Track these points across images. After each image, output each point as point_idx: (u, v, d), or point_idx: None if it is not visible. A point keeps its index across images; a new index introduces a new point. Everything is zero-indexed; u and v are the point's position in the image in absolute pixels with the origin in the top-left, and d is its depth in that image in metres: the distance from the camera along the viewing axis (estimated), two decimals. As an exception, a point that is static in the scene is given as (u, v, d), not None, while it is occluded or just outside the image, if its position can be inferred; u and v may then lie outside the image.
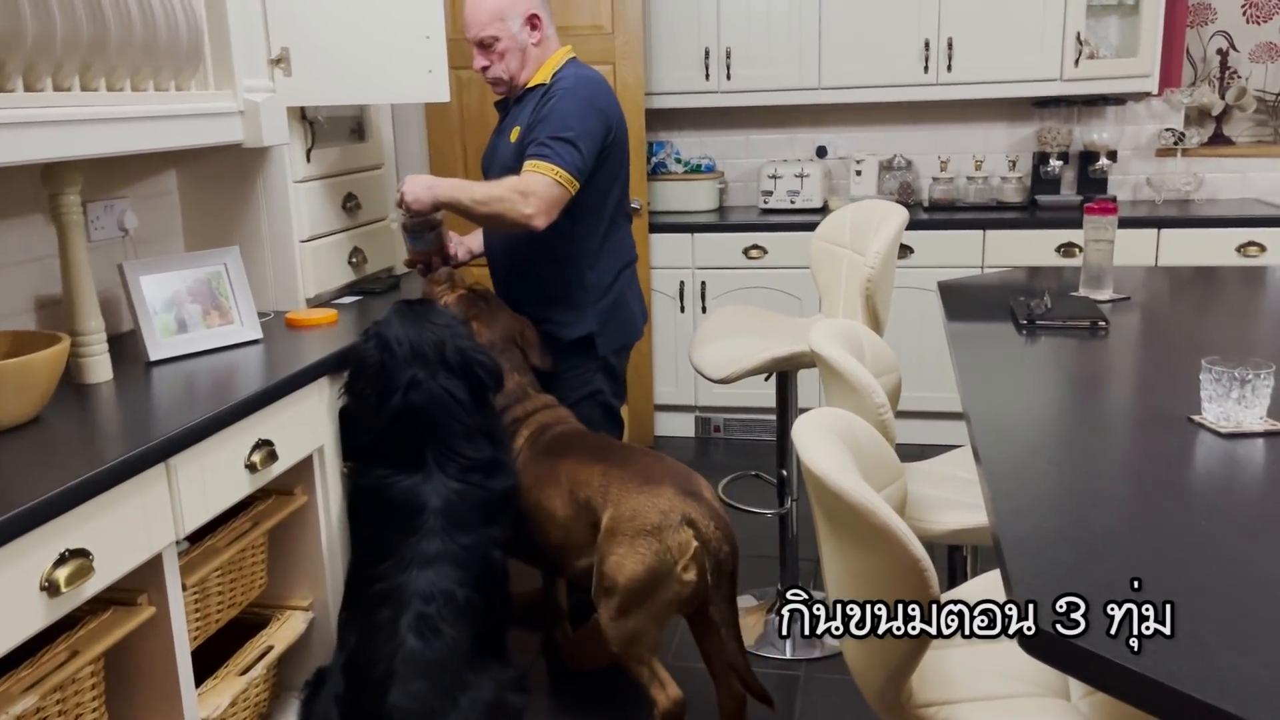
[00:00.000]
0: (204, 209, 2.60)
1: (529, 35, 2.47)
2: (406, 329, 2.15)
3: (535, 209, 2.28)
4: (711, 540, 2.07)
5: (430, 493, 2.10)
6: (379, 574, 2.07)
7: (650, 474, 2.14)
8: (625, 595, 2.06)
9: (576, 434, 2.36)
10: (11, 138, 1.66)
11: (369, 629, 2.03)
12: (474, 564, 2.11)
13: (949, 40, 4.11)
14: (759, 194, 4.47)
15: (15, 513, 1.38)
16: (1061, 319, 2.27)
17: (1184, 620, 1.03)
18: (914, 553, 1.21)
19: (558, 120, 2.34)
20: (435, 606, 2.01)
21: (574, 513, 2.21)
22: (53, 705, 1.56)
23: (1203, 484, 1.41)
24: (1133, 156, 4.39)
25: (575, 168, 2.32)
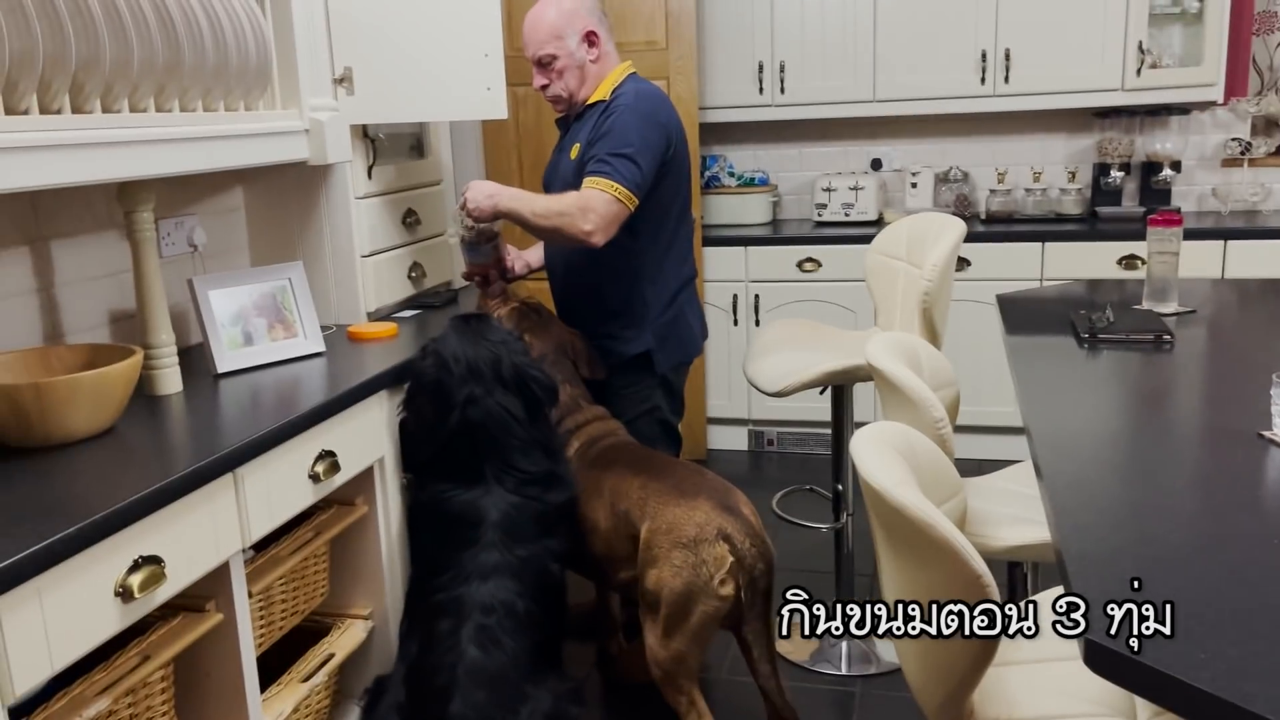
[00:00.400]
0: (269, 225, 2.66)
1: (587, 52, 2.50)
2: (463, 346, 2.18)
3: (594, 226, 2.30)
4: (747, 556, 2.06)
5: (489, 506, 2.12)
6: (439, 585, 2.09)
7: (687, 487, 2.14)
8: (668, 611, 2.06)
9: (623, 446, 2.37)
10: (90, 158, 1.72)
11: (430, 639, 2.06)
12: (532, 576, 2.13)
13: (1006, 51, 4.07)
14: (813, 207, 4.46)
15: (92, 520, 1.42)
16: (1125, 333, 2.23)
17: (1259, 642, 1.01)
18: (975, 568, 1.20)
19: (618, 136, 2.36)
20: (495, 618, 2.03)
21: (614, 525, 2.22)
22: (124, 709, 1.61)
23: (1274, 501, 1.38)
24: (1197, 167, 4.30)
25: (634, 184, 2.33)
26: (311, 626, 2.22)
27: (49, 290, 2.10)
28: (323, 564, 2.17)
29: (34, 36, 1.52)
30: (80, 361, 1.91)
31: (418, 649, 2.10)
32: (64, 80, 1.62)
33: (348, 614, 2.29)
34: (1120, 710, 1.37)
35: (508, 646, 2.03)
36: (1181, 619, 1.06)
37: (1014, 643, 1.48)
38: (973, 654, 1.24)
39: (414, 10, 2.49)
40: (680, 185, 2.54)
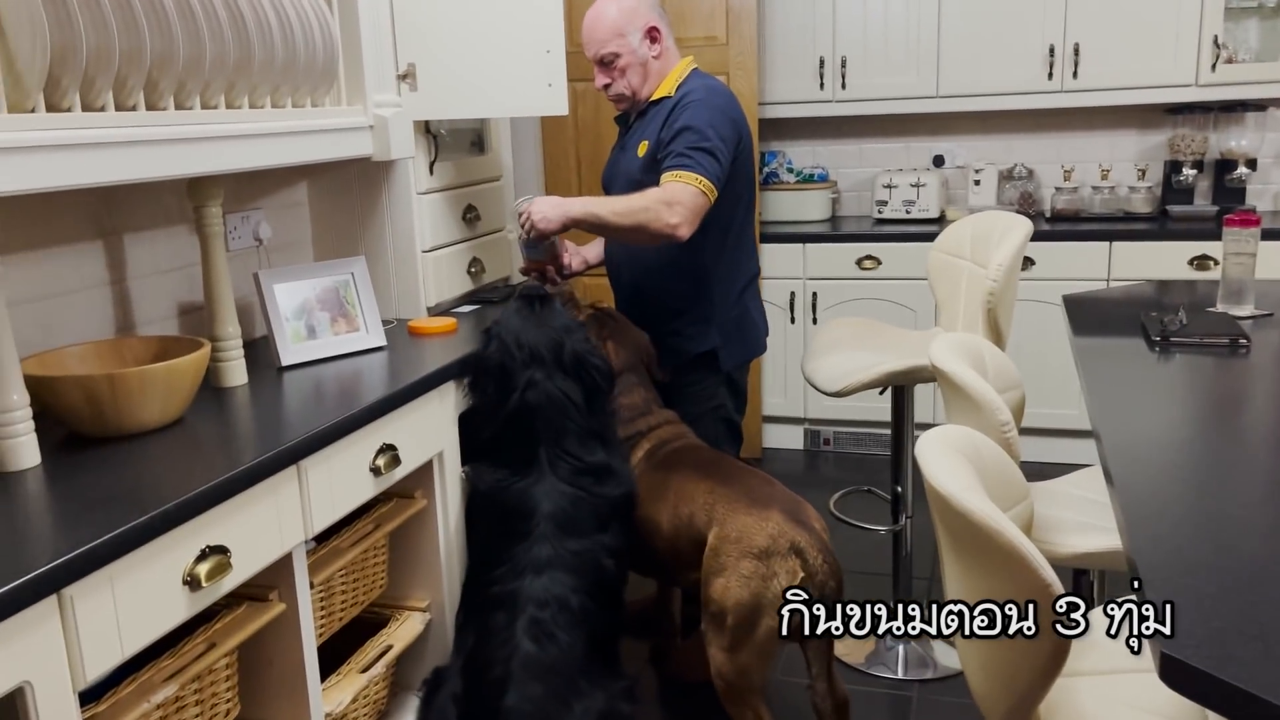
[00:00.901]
0: (332, 219, 2.70)
1: (649, 49, 2.49)
2: (525, 329, 2.19)
3: (681, 218, 2.27)
4: (818, 573, 2.02)
5: (541, 496, 2.13)
6: (494, 579, 2.10)
7: (759, 496, 2.11)
8: (735, 622, 2.03)
9: (690, 449, 2.36)
10: (164, 154, 1.75)
11: (485, 632, 2.07)
12: (587, 571, 2.13)
13: (1075, 46, 3.98)
14: (873, 204, 4.41)
15: (163, 510, 1.45)
16: (1198, 336, 2.18)
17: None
18: (1044, 576, 1.18)
19: (695, 130, 2.34)
20: (550, 612, 2.04)
21: (676, 528, 2.20)
22: (191, 695, 1.64)
23: (1358, 513, 1.33)
24: (1274, 165, 4.18)
25: (715, 176, 2.32)
26: (370, 618, 2.24)
27: (121, 283, 2.15)
28: (382, 556, 2.19)
29: (110, 33, 1.55)
30: (151, 353, 1.96)
31: (474, 641, 2.11)
32: (139, 77, 1.65)
33: (405, 606, 2.31)
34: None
35: (562, 640, 2.03)
36: (1261, 633, 1.03)
37: (1082, 653, 1.45)
38: (1041, 662, 1.22)
39: (476, 7, 2.50)
40: (747, 181, 2.52)
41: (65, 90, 1.48)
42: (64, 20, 1.47)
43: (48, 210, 1.96)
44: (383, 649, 2.14)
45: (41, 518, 1.44)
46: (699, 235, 2.41)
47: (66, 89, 1.48)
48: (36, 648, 1.28)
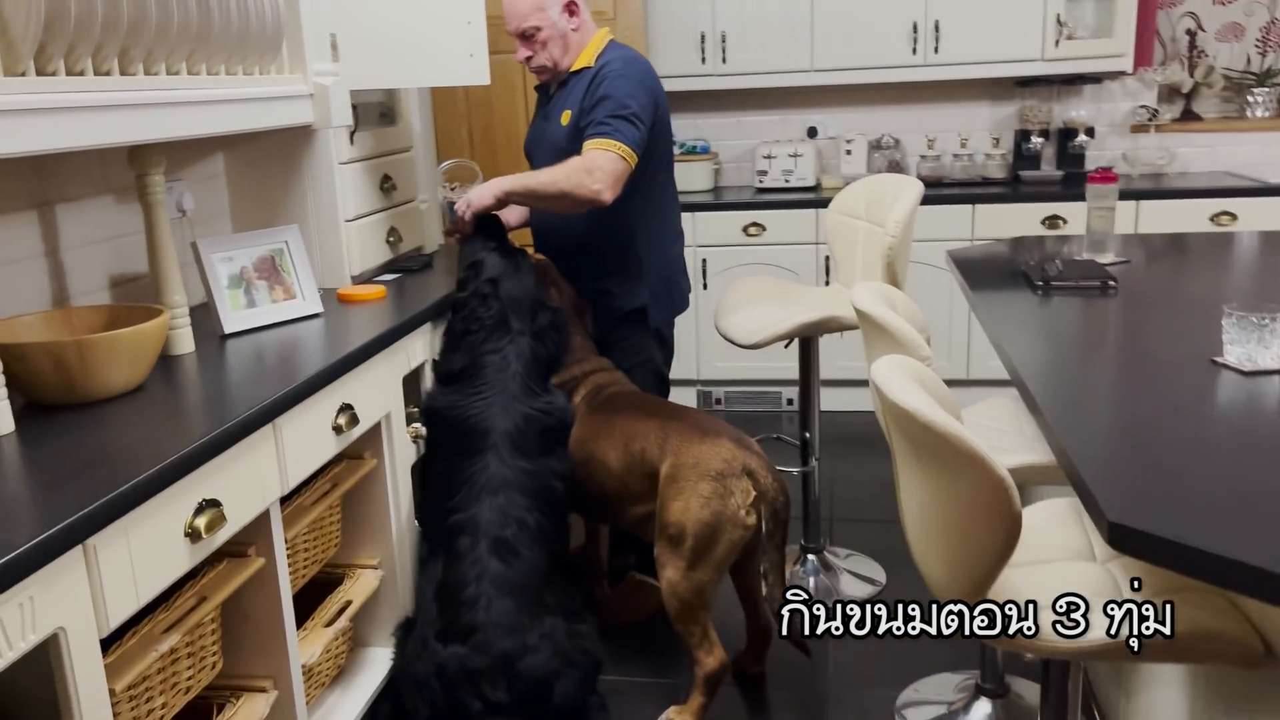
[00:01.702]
0: (251, 190, 2.69)
1: (568, 22, 2.60)
2: (511, 282, 2.40)
3: (602, 184, 2.39)
4: (769, 490, 2.22)
5: (499, 415, 2.27)
6: (454, 506, 2.21)
7: (708, 427, 2.29)
8: (694, 541, 2.20)
9: (631, 393, 2.51)
10: (109, 120, 1.75)
11: (453, 556, 2.18)
12: (538, 490, 2.26)
13: (936, 23, 4.29)
14: (753, 174, 4.62)
15: (166, 463, 1.49)
16: (1074, 280, 2.45)
17: (1234, 515, 1.20)
18: (999, 473, 1.37)
19: (615, 99, 2.46)
20: (511, 531, 2.17)
21: (629, 464, 2.35)
22: (183, 647, 1.68)
23: (1232, 410, 1.58)
24: (1109, 133, 4.61)
25: (635, 142, 2.44)
26: (323, 578, 2.29)
27: (55, 254, 2.12)
28: (337, 515, 2.25)
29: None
30: (101, 322, 1.95)
31: (442, 568, 2.20)
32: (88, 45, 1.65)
33: (358, 564, 2.37)
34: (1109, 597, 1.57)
35: (525, 556, 2.17)
36: (1181, 500, 1.25)
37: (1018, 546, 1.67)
38: (995, 550, 1.41)
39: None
40: (665, 146, 2.66)
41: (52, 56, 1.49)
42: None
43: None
44: (343, 604, 2.21)
45: (39, 479, 1.46)
46: (624, 199, 2.54)
47: (52, 56, 1.48)
48: (68, 595, 1.32)
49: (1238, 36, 4.55)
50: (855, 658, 2.66)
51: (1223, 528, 1.18)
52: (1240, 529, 1.18)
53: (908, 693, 2.50)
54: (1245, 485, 1.30)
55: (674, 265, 2.76)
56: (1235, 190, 4.10)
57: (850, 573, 3.05)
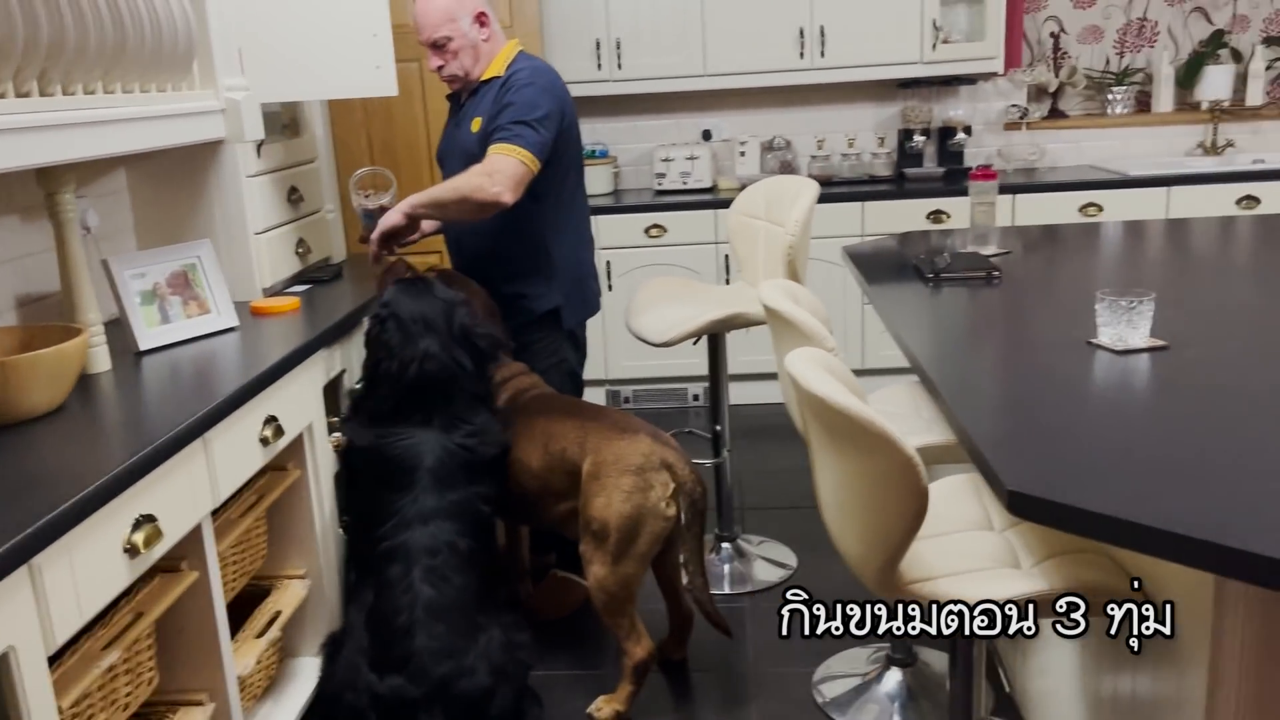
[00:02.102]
0: (156, 206, 2.67)
1: (479, 32, 2.65)
2: (417, 304, 2.33)
3: (502, 185, 2.44)
4: (687, 482, 2.33)
5: (426, 452, 2.27)
6: (383, 534, 2.23)
7: (625, 425, 2.38)
8: (618, 535, 2.28)
9: (551, 396, 2.58)
10: (26, 142, 1.75)
11: (383, 585, 2.19)
12: (467, 516, 2.29)
13: (821, 28, 4.46)
14: (652, 176, 4.74)
15: (104, 481, 1.50)
16: (961, 271, 2.62)
17: (1115, 479, 1.35)
18: (907, 451, 1.49)
19: (520, 107, 2.53)
20: (441, 558, 2.19)
21: (550, 464, 2.41)
22: (122, 664, 1.69)
23: (1112, 391, 1.75)
24: (985, 131, 4.87)
25: (537, 146, 2.50)
26: (251, 590, 2.30)
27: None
28: (263, 527, 2.26)
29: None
30: (16, 343, 1.93)
31: (372, 596, 2.22)
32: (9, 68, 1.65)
33: (284, 575, 2.38)
34: (1006, 562, 1.71)
35: (456, 582, 2.20)
36: (1071, 468, 1.39)
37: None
38: (905, 523, 1.54)
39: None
40: (574, 152, 2.74)
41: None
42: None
43: (-116, 202, 1.89)
44: (272, 615, 2.22)
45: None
46: (534, 203, 2.61)
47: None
48: (15, 614, 1.33)
49: (1097, 38, 4.86)
50: (774, 638, 2.78)
51: (1107, 491, 1.32)
52: (1121, 491, 1.32)
53: (823, 668, 2.63)
54: (1122, 453, 1.45)
55: (585, 268, 2.84)
56: (1100, 183, 4.39)
57: (763, 558, 3.18)
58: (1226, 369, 1.80)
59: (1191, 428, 1.54)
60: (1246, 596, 1.35)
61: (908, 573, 1.65)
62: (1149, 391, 1.72)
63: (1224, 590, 1.38)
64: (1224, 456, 1.41)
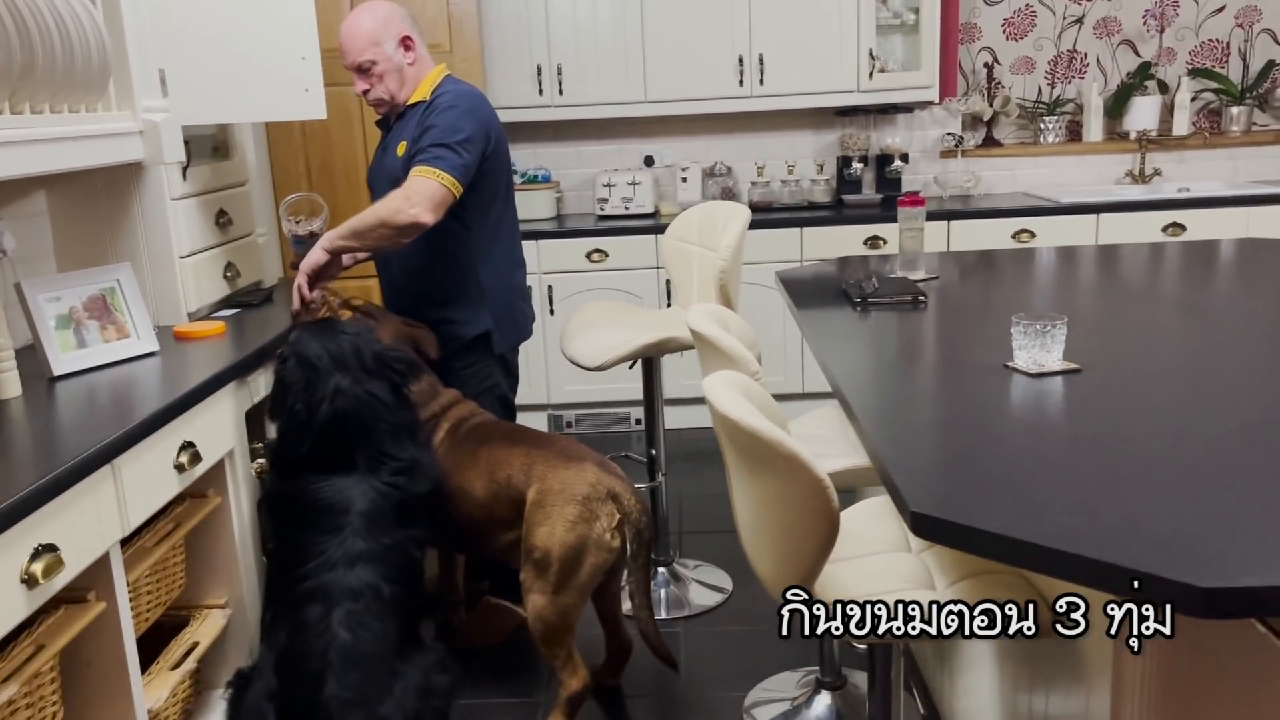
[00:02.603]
0: (76, 228, 2.62)
1: (404, 56, 2.65)
2: (321, 342, 2.28)
3: (420, 207, 2.42)
4: (633, 512, 2.30)
5: (356, 496, 2.20)
6: (305, 574, 2.14)
7: (572, 453, 2.35)
8: (560, 565, 2.24)
9: (492, 423, 2.54)
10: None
11: (298, 626, 2.10)
12: (395, 561, 2.22)
13: (760, 56, 4.52)
14: (594, 201, 4.75)
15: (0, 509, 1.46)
16: (889, 296, 2.65)
17: (1018, 500, 1.36)
18: (816, 473, 1.50)
19: (440, 130, 2.52)
20: (364, 602, 2.11)
21: (494, 491, 2.37)
22: (21, 698, 1.64)
23: (1025, 413, 1.77)
24: (921, 158, 4.95)
25: (457, 169, 2.49)
26: (167, 621, 2.25)
27: None
28: (180, 555, 2.21)
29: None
30: (-81, 368, 1.88)
31: (286, 636, 2.13)
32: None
33: (204, 605, 2.33)
34: (922, 584, 1.72)
35: (375, 628, 2.11)
36: (973, 492, 1.41)
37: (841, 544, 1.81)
38: (819, 542, 1.54)
39: (229, 14, 2.55)
40: (502, 176, 2.74)
41: None
42: None
43: None
44: (189, 646, 2.17)
45: None
46: (460, 228, 2.61)
47: None
48: (-103, 650, 1.28)
49: (1029, 69, 4.97)
50: (705, 660, 2.78)
51: (1006, 511, 1.34)
52: (1020, 511, 1.34)
53: (755, 692, 2.63)
54: (1026, 474, 1.47)
55: (516, 293, 2.83)
56: (1032, 210, 4.47)
57: (699, 582, 3.17)
58: (1135, 391, 1.84)
59: (1095, 448, 1.56)
60: (1146, 615, 1.37)
61: (822, 593, 1.65)
62: (1058, 413, 1.75)
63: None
64: (1124, 477, 1.44)
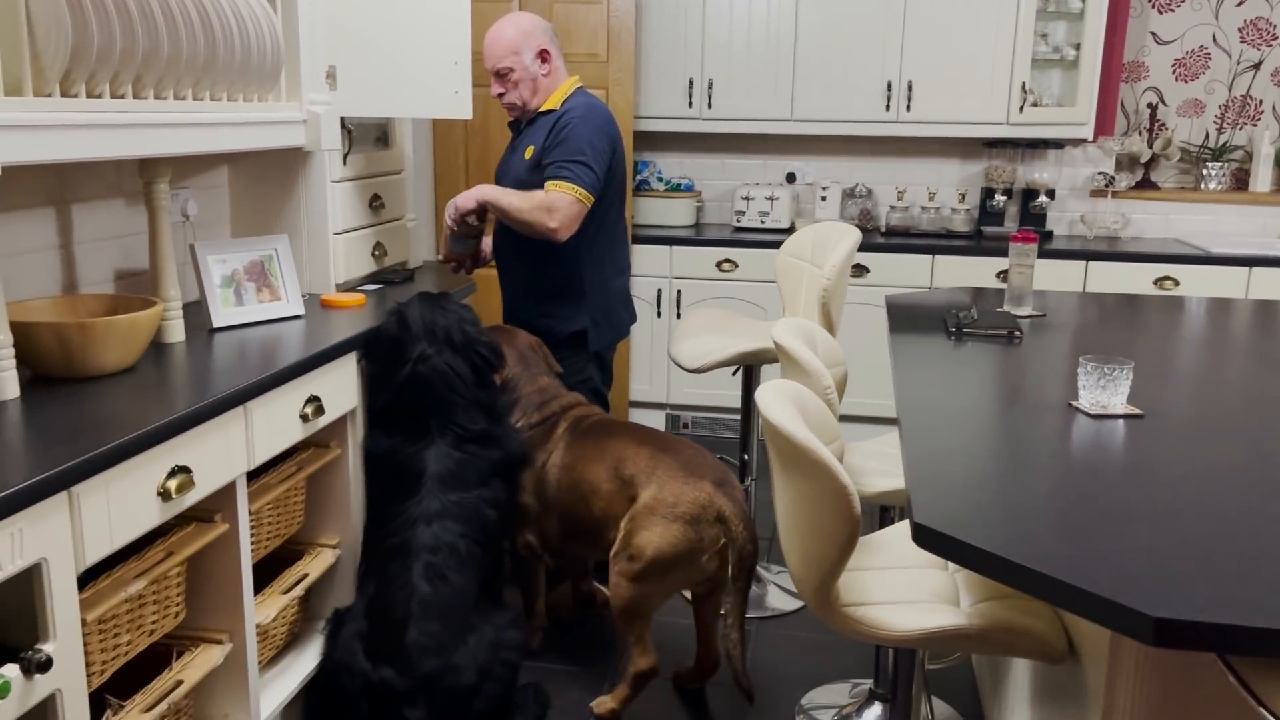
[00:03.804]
0: (250, 201, 2.97)
1: (540, 67, 2.90)
2: (424, 311, 2.55)
3: (559, 223, 2.72)
4: (738, 539, 2.39)
5: (430, 459, 2.46)
6: (390, 531, 2.42)
7: (694, 466, 2.46)
8: (647, 566, 2.38)
9: (612, 421, 2.73)
10: (119, 136, 2.03)
11: (385, 578, 2.37)
12: (471, 519, 2.46)
13: (909, 83, 4.57)
14: (732, 213, 4.90)
15: (143, 432, 1.75)
16: (984, 328, 2.70)
17: (1030, 526, 1.45)
18: (841, 480, 1.62)
19: (574, 144, 2.77)
20: (441, 556, 2.36)
21: (618, 486, 2.53)
22: (150, 594, 1.93)
23: (1064, 447, 1.83)
24: (1069, 195, 4.87)
25: (591, 186, 2.74)
26: (286, 554, 2.54)
27: (68, 247, 2.39)
28: (301, 496, 2.50)
29: (114, 34, 1.83)
30: (104, 308, 2.22)
31: (375, 587, 2.40)
32: (130, 71, 1.93)
33: (318, 544, 2.62)
34: (947, 599, 1.81)
35: (453, 581, 2.36)
36: (979, 512, 1.50)
37: (873, 554, 1.92)
38: (839, 546, 1.66)
39: (394, 18, 2.84)
40: (619, 187, 2.95)
41: (74, 80, 1.77)
42: (80, 23, 1.76)
43: (8, 179, 2.20)
44: (300, 576, 2.45)
45: (37, 436, 1.72)
46: (576, 234, 2.83)
47: (75, 80, 1.76)
48: (52, 532, 1.57)
49: (1198, 112, 4.82)
50: (770, 659, 2.90)
51: (1005, 533, 1.43)
52: (1019, 535, 1.42)
53: (811, 694, 2.73)
54: (1036, 501, 1.55)
55: (616, 295, 3.03)
56: (1179, 257, 4.35)
57: (778, 586, 3.29)
58: (1187, 440, 1.86)
59: (1115, 485, 1.62)
60: (1139, 654, 1.44)
61: (846, 595, 1.76)
62: (1097, 452, 1.80)
63: (1118, 645, 1.47)
64: (1135, 515, 1.50)
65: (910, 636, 1.69)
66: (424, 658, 2.27)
